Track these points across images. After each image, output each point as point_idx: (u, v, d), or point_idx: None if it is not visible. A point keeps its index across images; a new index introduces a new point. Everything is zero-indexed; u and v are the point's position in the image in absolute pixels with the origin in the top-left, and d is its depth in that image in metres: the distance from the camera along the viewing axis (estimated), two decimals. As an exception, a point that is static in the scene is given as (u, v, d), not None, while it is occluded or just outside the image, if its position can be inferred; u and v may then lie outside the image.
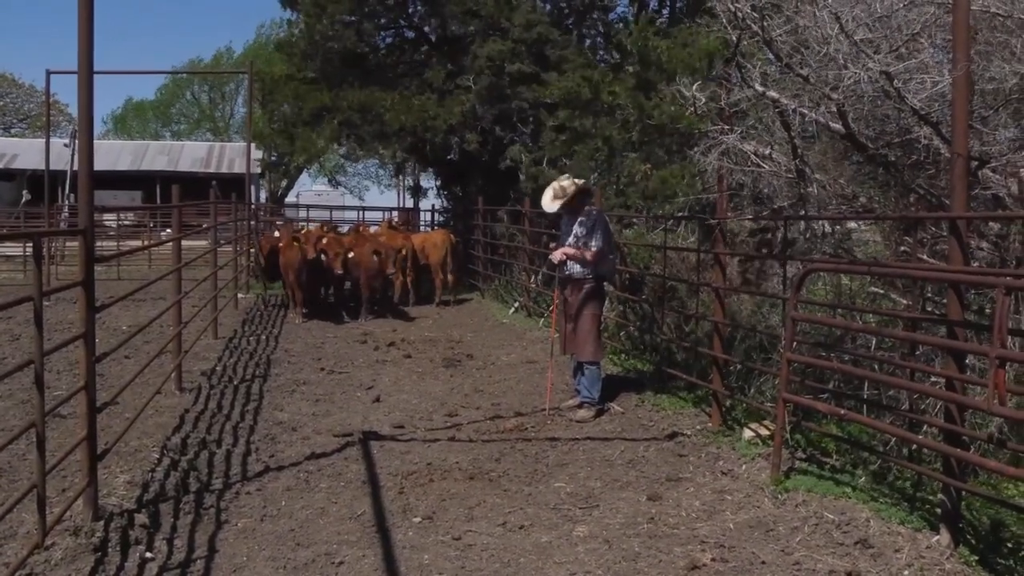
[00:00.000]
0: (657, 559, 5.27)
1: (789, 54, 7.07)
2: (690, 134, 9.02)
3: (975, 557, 5.10)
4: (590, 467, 7.09)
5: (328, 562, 5.23)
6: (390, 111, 19.15)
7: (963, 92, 5.34)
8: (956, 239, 5.35)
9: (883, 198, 7.87)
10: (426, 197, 34.08)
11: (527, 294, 16.31)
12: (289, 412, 8.74)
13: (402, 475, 6.81)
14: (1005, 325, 4.68)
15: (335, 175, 57.35)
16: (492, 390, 9.97)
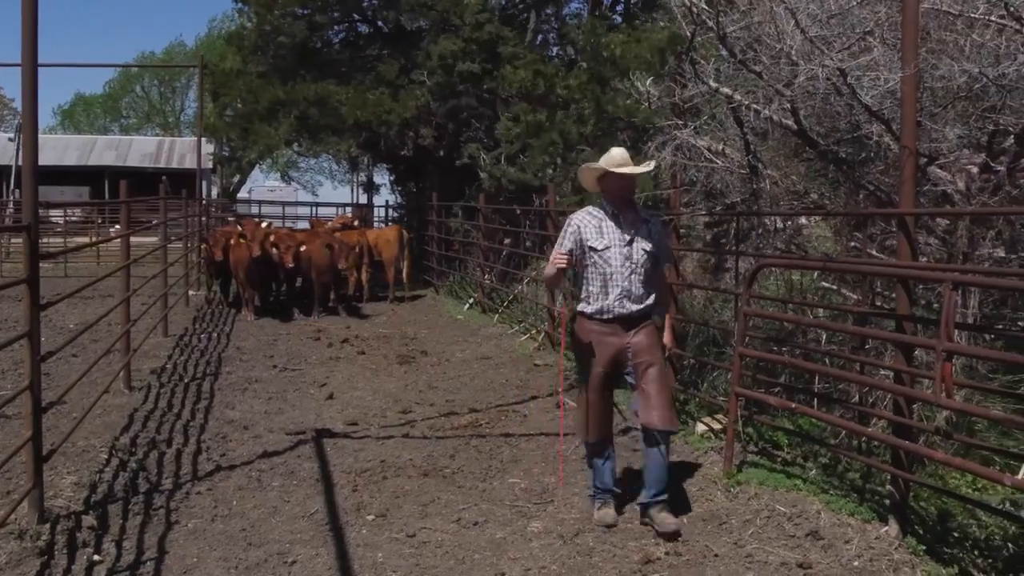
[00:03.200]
0: (611, 553, 5.29)
1: (743, 50, 7.12)
2: (645, 129, 9.05)
3: (923, 547, 5.17)
4: (544, 463, 7.09)
5: (281, 561, 5.18)
6: (345, 105, 19.04)
7: (912, 90, 5.41)
8: (905, 235, 5.42)
9: (834, 194, 7.96)
10: (380, 193, 33.98)
11: (481, 290, 16.30)
12: (241, 410, 8.65)
13: (356, 473, 6.77)
14: (952, 319, 4.75)
15: (288, 171, 56.91)
16: (446, 386, 9.96)
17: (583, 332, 5.78)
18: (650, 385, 5.58)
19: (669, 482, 5.72)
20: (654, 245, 5.69)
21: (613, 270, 5.60)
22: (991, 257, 6.78)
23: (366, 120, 19.11)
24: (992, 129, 6.61)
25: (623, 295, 5.61)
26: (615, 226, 5.64)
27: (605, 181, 5.70)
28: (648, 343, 5.67)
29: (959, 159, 6.74)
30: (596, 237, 5.63)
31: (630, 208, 5.73)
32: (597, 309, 5.67)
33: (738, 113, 7.49)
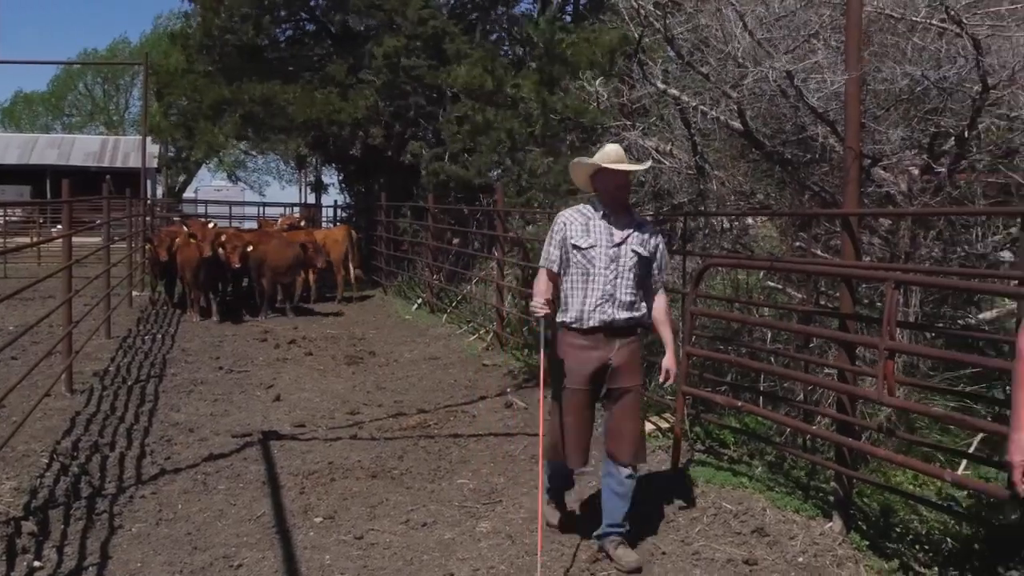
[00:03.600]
0: (560, 552, 5.30)
1: (690, 52, 7.18)
2: (593, 129, 9.08)
3: (866, 542, 5.25)
4: (493, 463, 7.09)
5: (227, 565, 5.12)
6: (293, 105, 18.91)
7: (856, 92, 5.49)
8: (848, 235, 5.50)
9: (779, 195, 8.04)
10: (328, 193, 33.77)
11: (430, 290, 16.26)
12: (186, 413, 8.55)
13: (303, 475, 6.72)
14: (894, 318, 4.83)
15: (235, 170, 56.36)
16: (395, 387, 9.92)
17: (563, 346, 5.24)
18: (625, 414, 5.15)
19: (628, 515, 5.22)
20: (647, 251, 5.20)
21: (596, 271, 5.09)
22: (932, 257, 6.89)
23: (315, 120, 19.00)
24: (933, 131, 6.72)
25: (605, 299, 5.08)
26: (605, 225, 5.16)
27: (598, 178, 5.23)
28: (631, 364, 5.18)
29: (901, 160, 6.84)
30: (581, 235, 5.14)
31: (624, 210, 5.27)
32: (576, 316, 5.14)
33: (686, 114, 7.54)
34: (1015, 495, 3.54)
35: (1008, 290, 5.25)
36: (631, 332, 5.22)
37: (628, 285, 5.12)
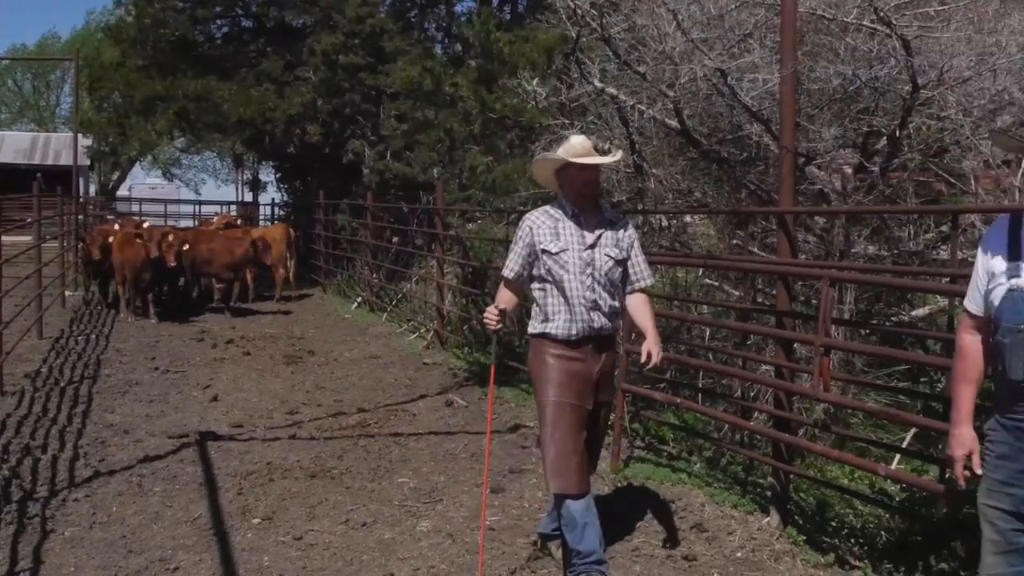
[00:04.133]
0: (500, 551, 5.29)
1: (627, 51, 7.21)
2: (531, 128, 9.09)
3: (802, 536, 5.32)
4: (433, 462, 7.07)
5: (163, 568, 5.04)
6: (228, 101, 18.68)
7: (790, 91, 5.55)
8: (784, 233, 5.56)
9: (716, 193, 8.12)
10: (265, 191, 33.44)
11: (370, 289, 16.18)
12: (121, 414, 8.41)
13: (241, 475, 6.65)
14: (829, 315, 4.90)
15: (170, 168, 55.51)
16: (334, 386, 9.85)
17: (543, 357, 4.70)
18: (594, 433, 4.80)
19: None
20: (621, 252, 4.74)
21: (571, 277, 4.62)
22: (866, 254, 7.00)
23: (251, 117, 18.79)
24: (866, 130, 6.83)
25: (590, 307, 4.62)
26: (575, 227, 4.69)
27: (564, 174, 4.74)
28: (609, 377, 4.87)
29: (835, 159, 6.95)
30: (551, 239, 4.66)
31: (594, 208, 4.80)
32: (562, 329, 4.64)
33: (623, 113, 7.58)
34: (951, 489, 3.61)
35: (940, 287, 5.35)
36: (612, 342, 4.89)
37: (606, 292, 4.68)
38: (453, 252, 13.07)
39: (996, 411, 3.15)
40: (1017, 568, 3.08)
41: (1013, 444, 3.04)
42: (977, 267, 3.22)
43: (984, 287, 3.16)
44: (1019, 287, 3.00)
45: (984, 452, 3.18)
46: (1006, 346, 3.01)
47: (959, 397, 3.28)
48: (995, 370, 3.15)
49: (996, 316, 3.07)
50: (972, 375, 3.27)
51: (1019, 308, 2.98)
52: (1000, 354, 3.05)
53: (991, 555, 3.15)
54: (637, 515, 5.75)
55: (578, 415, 4.63)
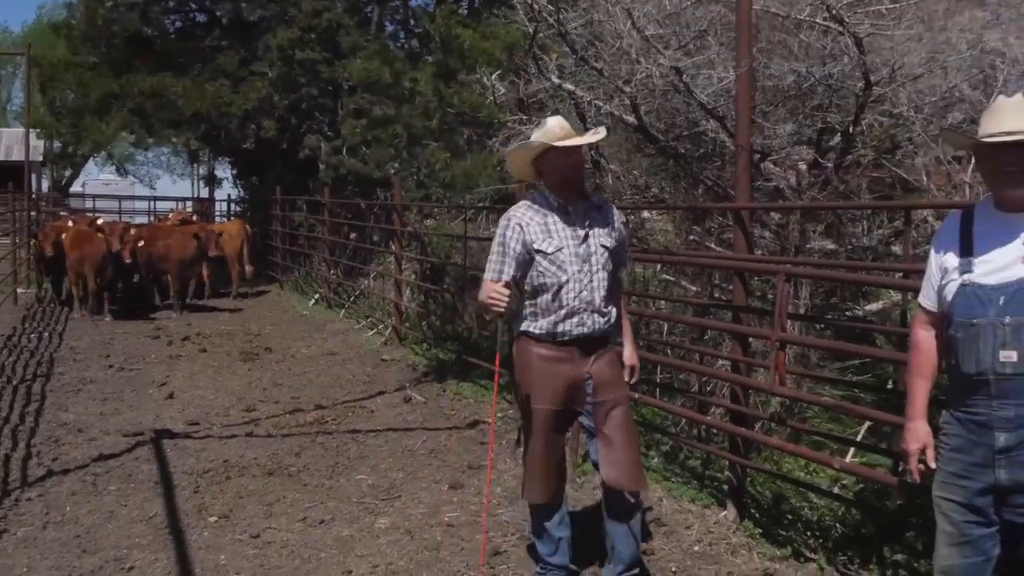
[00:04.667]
0: (459, 547, 5.29)
1: (584, 47, 7.23)
2: (490, 124, 9.08)
3: (759, 530, 5.37)
4: (392, 458, 7.05)
5: (117, 568, 4.99)
6: (183, 97, 18.49)
7: (746, 88, 5.59)
8: (740, 228, 5.60)
9: (673, 189, 8.16)
10: (221, 187, 33.14)
11: (327, 285, 16.11)
12: (75, 412, 8.31)
13: (197, 474, 6.59)
14: (785, 310, 4.94)
15: (124, 164, 54.81)
16: (292, 383, 9.79)
17: (527, 358, 4.39)
18: (616, 432, 4.32)
19: (638, 554, 4.55)
20: (615, 240, 4.41)
21: (569, 277, 4.24)
22: (821, 250, 7.07)
23: (205, 112, 18.62)
24: (820, 127, 6.89)
25: (583, 308, 4.26)
26: (564, 221, 4.30)
27: (545, 162, 4.34)
28: (613, 375, 4.40)
29: (790, 155, 7.01)
30: (543, 238, 4.26)
31: (580, 196, 4.41)
32: (549, 329, 4.28)
33: (581, 109, 7.60)
34: (905, 482, 3.65)
35: (894, 282, 5.41)
36: (607, 339, 4.45)
37: (604, 287, 4.32)
38: (411, 248, 13.04)
39: (950, 405, 3.20)
40: (970, 559, 3.13)
41: (966, 437, 3.09)
42: (930, 263, 3.27)
43: (937, 283, 3.20)
44: (971, 282, 3.05)
45: (938, 445, 3.23)
46: (959, 340, 3.06)
47: (913, 392, 3.33)
48: (948, 364, 3.19)
49: (949, 311, 3.12)
50: (926, 370, 3.32)
51: (971, 303, 3.03)
52: (953, 348, 3.10)
53: (945, 546, 3.20)
54: (594, 510, 5.77)
55: (558, 421, 4.36)
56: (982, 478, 3.06)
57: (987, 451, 3.03)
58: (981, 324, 3.00)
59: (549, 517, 4.47)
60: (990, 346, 2.97)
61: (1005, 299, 2.97)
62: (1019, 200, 3.02)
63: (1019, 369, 2.94)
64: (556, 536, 4.49)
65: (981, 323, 3.00)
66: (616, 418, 4.33)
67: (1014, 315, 2.94)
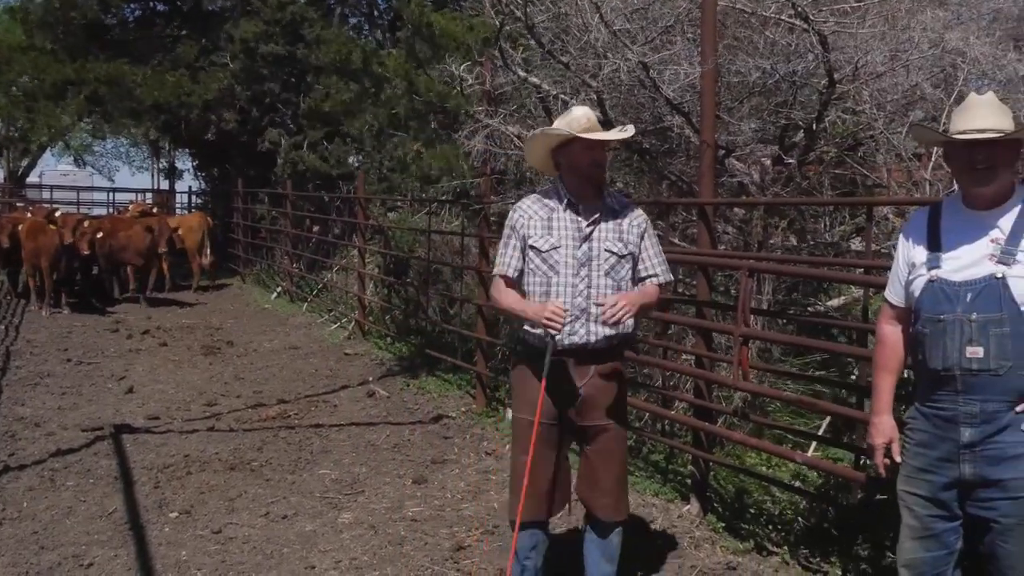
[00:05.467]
0: (423, 542, 5.28)
1: (551, 41, 7.21)
2: (455, 115, 9.05)
3: (722, 523, 5.40)
4: (355, 453, 7.03)
5: (76, 564, 4.93)
6: (142, 86, 18.28)
7: (711, 85, 5.61)
8: (704, 224, 5.63)
9: (638, 184, 8.18)
10: (182, 179, 32.85)
11: (290, 279, 16.01)
12: (32, 407, 8.20)
13: (157, 469, 6.53)
14: (748, 305, 4.97)
15: (82, 155, 54.04)
16: (254, 377, 9.73)
17: (519, 366, 4.16)
18: (600, 459, 4.05)
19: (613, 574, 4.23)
20: (625, 247, 4.00)
21: (562, 280, 3.93)
22: (784, 246, 7.12)
23: (165, 102, 18.42)
24: (784, 123, 6.93)
25: (576, 316, 3.91)
26: (571, 218, 3.97)
27: (566, 154, 3.99)
28: (608, 396, 4.03)
29: (754, 152, 7.04)
30: (541, 234, 3.96)
31: (596, 195, 4.04)
32: (539, 338, 3.96)
33: (546, 103, 7.59)
34: (871, 476, 3.68)
35: (855, 278, 5.46)
36: (612, 355, 4.05)
37: (605, 295, 3.91)
38: (374, 242, 12.98)
39: (916, 399, 3.23)
40: (934, 553, 3.16)
41: (932, 432, 3.12)
42: (898, 258, 3.29)
43: (904, 278, 3.23)
44: (939, 278, 3.07)
45: (903, 440, 3.25)
46: (926, 336, 3.08)
47: (879, 386, 3.35)
48: (915, 359, 3.22)
49: (916, 306, 3.14)
50: (892, 364, 3.34)
51: (939, 299, 3.05)
52: (920, 344, 3.12)
53: (909, 540, 3.22)
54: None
55: (543, 435, 3.96)
56: (947, 472, 3.08)
57: (952, 446, 3.05)
58: (948, 320, 3.02)
59: (528, 540, 4.10)
60: (957, 342, 3.00)
61: (972, 296, 3.00)
62: (988, 197, 3.06)
63: (985, 365, 2.97)
64: (524, 562, 4.12)
65: (948, 319, 3.02)
66: (602, 443, 4.04)
67: (981, 312, 2.97)
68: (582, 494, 4.16)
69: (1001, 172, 3.03)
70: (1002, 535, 3.03)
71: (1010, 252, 2.99)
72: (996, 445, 2.99)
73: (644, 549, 5.11)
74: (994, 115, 3.02)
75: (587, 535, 4.21)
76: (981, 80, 6.30)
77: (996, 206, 3.07)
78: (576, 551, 4.32)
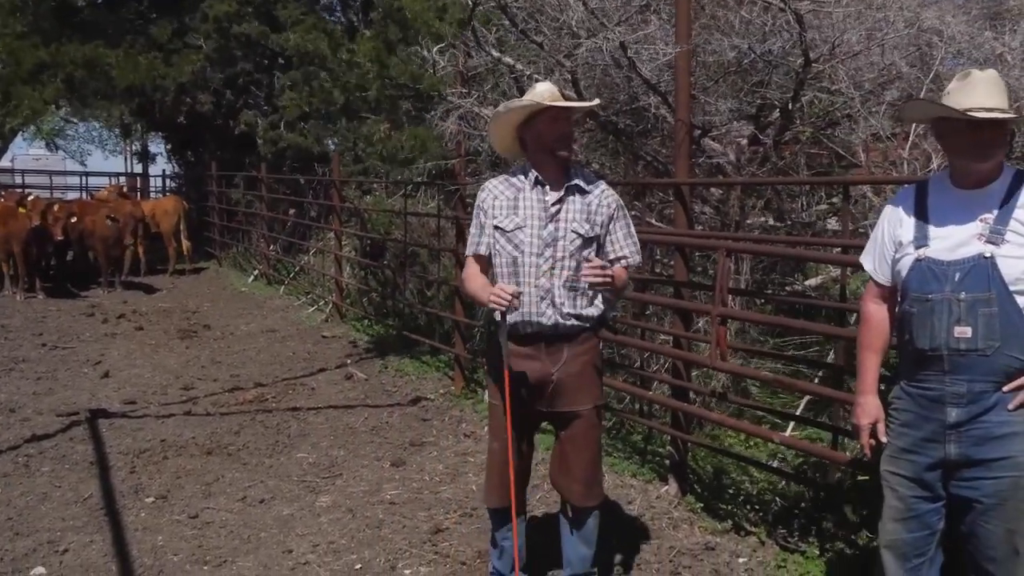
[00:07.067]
0: (401, 524, 5.27)
1: (525, 20, 7.16)
2: (429, 97, 8.99)
3: (700, 504, 5.41)
4: (333, 436, 7.00)
5: (51, 550, 4.89)
6: (116, 68, 18.07)
7: (686, 64, 5.59)
8: (681, 204, 5.62)
9: (614, 164, 8.15)
10: (155, 163, 32.60)
11: (266, 262, 15.93)
12: (6, 392, 8.14)
13: (134, 453, 6.49)
14: (726, 285, 4.96)
15: (54, 139, 53.47)
16: (231, 361, 9.67)
17: (494, 351, 4.05)
18: (571, 446, 4.01)
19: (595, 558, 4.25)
20: (592, 228, 3.92)
21: (526, 260, 3.86)
22: (761, 225, 7.12)
23: (138, 84, 18.21)
24: (760, 103, 6.92)
25: (542, 297, 3.85)
26: (537, 198, 3.89)
27: (531, 131, 3.90)
28: (580, 380, 3.96)
29: (730, 131, 7.03)
30: (507, 214, 3.90)
31: (563, 172, 3.94)
32: (513, 321, 3.89)
33: (520, 83, 7.54)
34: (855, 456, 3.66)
35: (832, 257, 5.46)
36: (586, 337, 4.00)
37: (569, 278, 3.87)
38: (351, 224, 12.92)
39: (901, 379, 3.21)
40: (915, 534, 3.16)
41: (917, 412, 3.10)
42: (882, 236, 3.25)
43: (891, 256, 3.20)
44: (926, 257, 3.05)
45: (888, 420, 3.24)
46: (913, 315, 3.06)
47: (864, 366, 3.33)
48: (901, 339, 3.20)
49: (904, 286, 3.12)
50: (877, 344, 3.32)
51: (926, 278, 3.03)
52: (907, 323, 3.10)
53: (891, 521, 3.21)
54: (538, 486, 5.78)
55: (517, 420, 3.94)
56: (931, 453, 3.07)
57: (938, 426, 3.04)
58: (936, 300, 3.00)
59: (500, 523, 4.15)
60: (944, 322, 2.98)
61: (961, 275, 2.97)
62: (985, 174, 3.04)
63: (973, 345, 2.95)
64: (501, 544, 4.18)
65: (936, 298, 3.00)
66: (575, 430, 3.99)
67: (969, 291, 2.95)
68: (555, 480, 4.16)
69: (998, 151, 3.02)
70: (984, 515, 3.02)
71: (999, 231, 2.97)
72: (982, 425, 2.98)
73: (622, 530, 5.12)
74: (999, 93, 2.99)
75: (563, 519, 4.20)
76: (957, 59, 6.31)
77: (985, 185, 3.05)
78: (557, 532, 4.30)
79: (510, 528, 4.12)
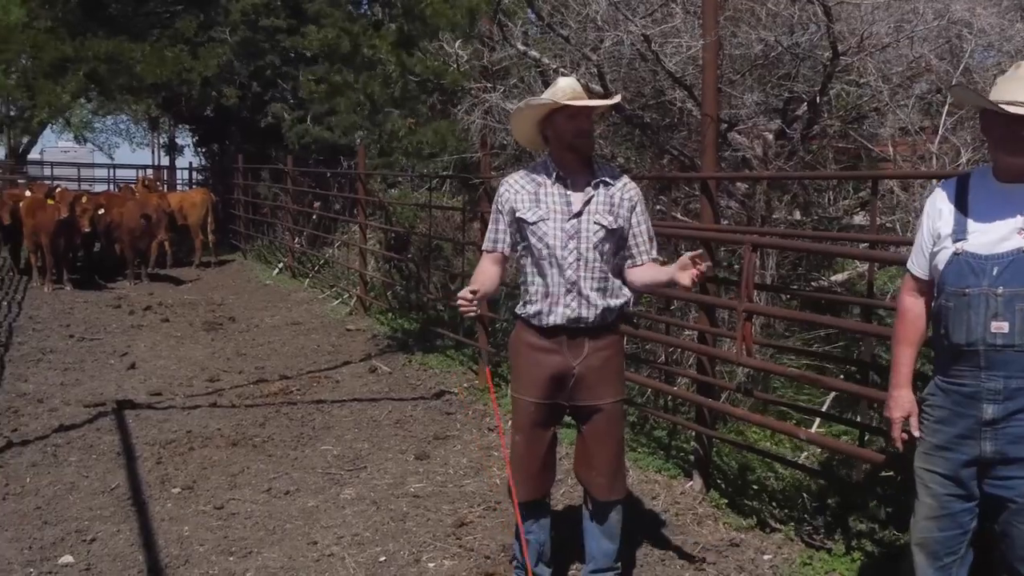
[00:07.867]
0: (425, 518, 5.27)
1: (551, 14, 7.14)
2: (453, 92, 8.99)
3: (724, 500, 5.39)
4: (357, 429, 7.02)
5: (79, 539, 4.93)
6: (141, 63, 18.18)
7: (713, 57, 5.55)
8: (707, 198, 5.59)
9: (640, 158, 8.12)
10: (182, 155, 32.78)
11: (291, 255, 15.99)
12: (34, 383, 8.20)
13: (160, 444, 6.53)
14: (751, 280, 4.93)
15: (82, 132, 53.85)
16: (256, 353, 9.72)
17: (517, 344, 4.07)
18: (594, 440, 4.03)
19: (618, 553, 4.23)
20: (616, 220, 3.91)
21: (552, 252, 3.86)
22: (787, 220, 7.07)
23: (165, 78, 18.32)
24: (787, 96, 6.87)
25: (567, 290, 3.86)
26: (559, 191, 3.90)
27: (551, 126, 3.90)
28: (602, 374, 3.96)
29: (757, 125, 6.98)
30: (530, 206, 3.90)
31: (585, 168, 3.96)
32: (536, 311, 3.92)
33: (546, 77, 7.52)
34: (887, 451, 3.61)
35: (860, 252, 5.41)
36: (607, 330, 4.00)
37: (595, 269, 3.88)
38: (375, 217, 12.94)
39: (936, 374, 3.16)
40: (948, 532, 3.11)
41: (952, 408, 3.05)
42: (922, 229, 3.20)
43: (929, 249, 3.14)
44: (964, 251, 3.00)
45: (922, 416, 3.19)
46: (950, 309, 3.01)
47: (898, 359, 3.27)
48: (937, 333, 3.14)
49: (941, 280, 3.06)
50: (913, 337, 3.26)
51: (964, 272, 2.98)
52: (944, 317, 3.05)
53: (924, 519, 3.16)
54: (561, 480, 5.76)
55: (541, 414, 3.99)
56: (966, 450, 3.02)
57: (973, 423, 2.99)
58: (973, 294, 2.94)
59: (530, 517, 4.12)
60: (982, 316, 2.92)
61: (999, 269, 2.92)
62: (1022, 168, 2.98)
63: (1010, 340, 2.90)
64: (528, 537, 4.12)
65: (973, 293, 2.94)
66: (597, 425, 4.00)
67: (1007, 286, 2.89)
68: (578, 474, 4.17)
69: None
70: (1017, 515, 2.97)
71: None
72: (1019, 422, 2.93)
73: (647, 526, 5.10)
74: None
75: (586, 513, 4.19)
76: (988, 51, 6.24)
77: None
78: (580, 527, 4.29)
79: (536, 521, 4.14)
